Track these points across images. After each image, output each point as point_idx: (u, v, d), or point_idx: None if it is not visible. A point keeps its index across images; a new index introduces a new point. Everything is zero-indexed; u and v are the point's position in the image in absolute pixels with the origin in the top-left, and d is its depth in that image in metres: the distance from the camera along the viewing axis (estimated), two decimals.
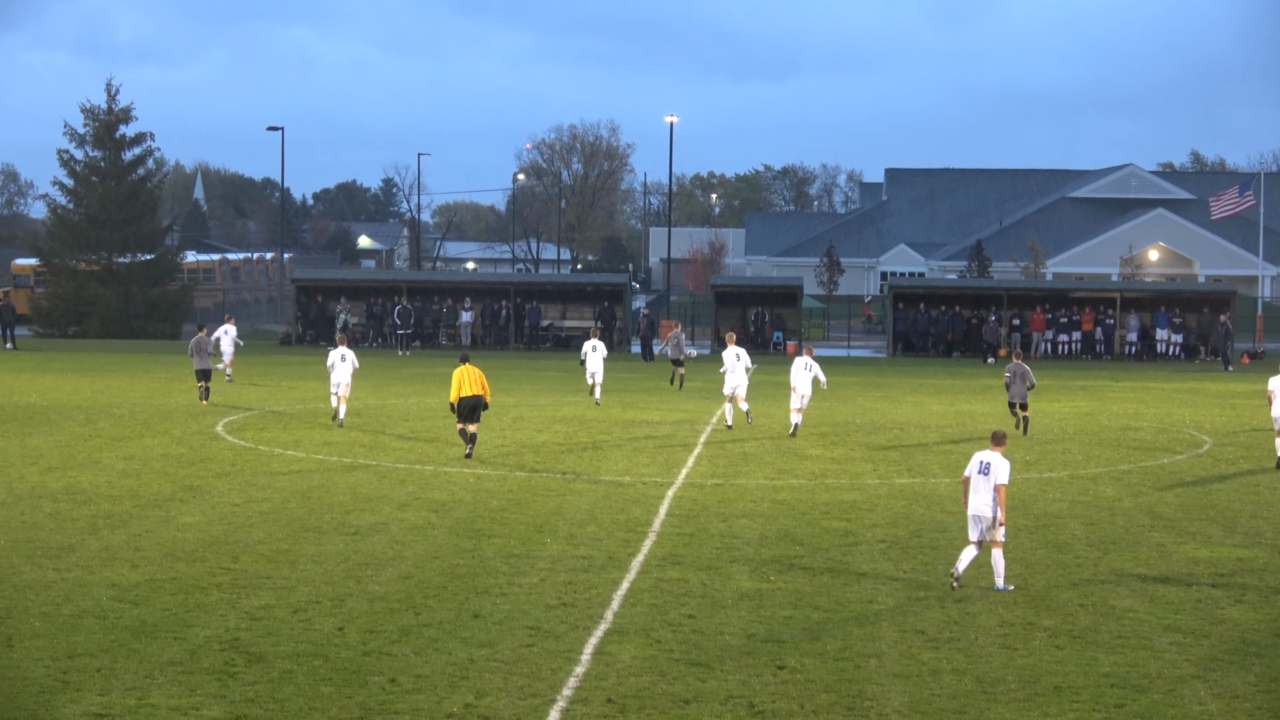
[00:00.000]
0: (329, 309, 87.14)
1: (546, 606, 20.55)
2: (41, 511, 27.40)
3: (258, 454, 35.73)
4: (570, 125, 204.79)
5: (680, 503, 29.46)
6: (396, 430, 40.97)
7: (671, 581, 22.25)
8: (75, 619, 19.45)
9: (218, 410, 45.13)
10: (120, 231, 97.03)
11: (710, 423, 43.76)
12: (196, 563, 23.08)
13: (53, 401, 47.29)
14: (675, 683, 17.16)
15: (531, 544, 25.04)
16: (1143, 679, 17.73)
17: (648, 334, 77.90)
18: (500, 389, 54.43)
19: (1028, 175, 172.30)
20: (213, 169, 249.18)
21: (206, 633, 18.89)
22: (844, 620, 20.12)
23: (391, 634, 18.96)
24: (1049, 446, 39.40)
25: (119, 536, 25.13)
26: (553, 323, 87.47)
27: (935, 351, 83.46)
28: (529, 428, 41.99)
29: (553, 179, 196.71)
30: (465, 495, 29.89)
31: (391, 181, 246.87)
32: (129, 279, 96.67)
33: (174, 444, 37.32)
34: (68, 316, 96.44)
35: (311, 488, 30.59)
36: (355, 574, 22.45)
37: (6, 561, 22.91)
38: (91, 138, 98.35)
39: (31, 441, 37.43)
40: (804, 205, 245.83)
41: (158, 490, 30.01)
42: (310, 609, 20.18)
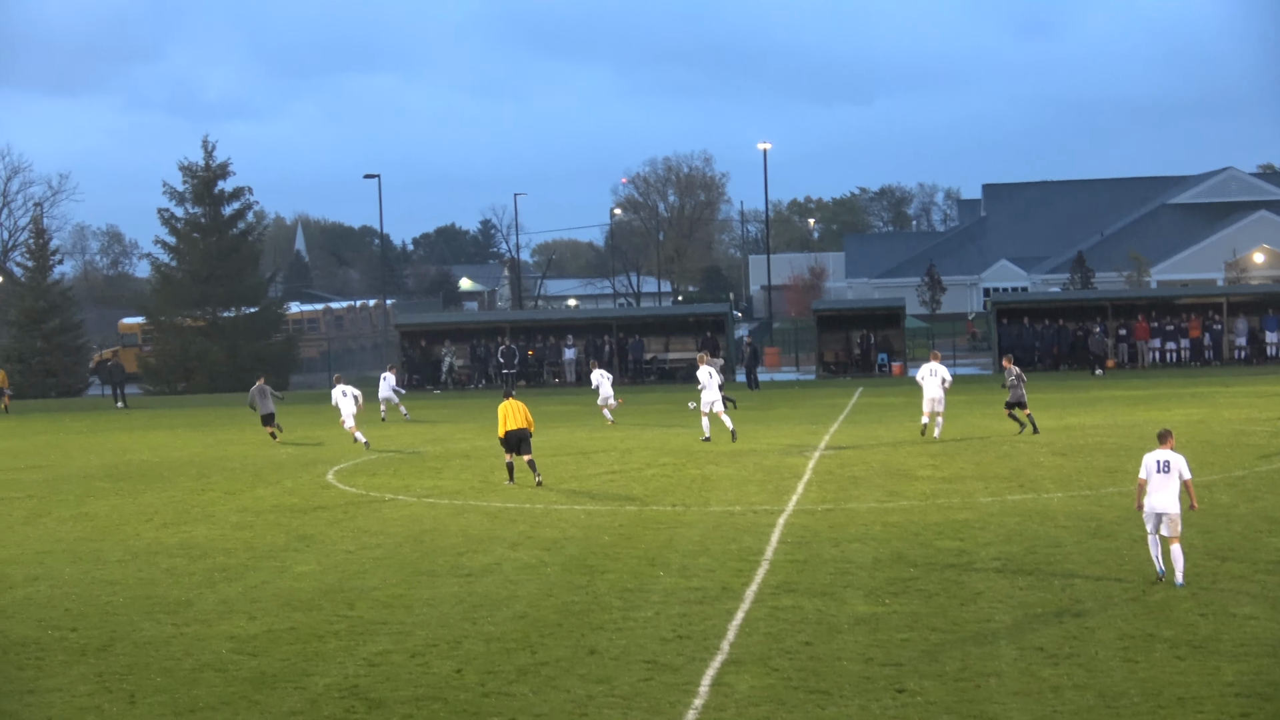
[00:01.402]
0: (433, 353, 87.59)
1: (662, 639, 20.52)
2: (158, 568, 27.62)
3: (369, 500, 35.90)
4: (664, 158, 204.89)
5: (791, 529, 29.37)
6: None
7: (786, 609, 22.18)
8: (195, 673, 19.58)
9: (329, 458, 45.40)
10: (224, 286, 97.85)
11: (819, 448, 43.61)
12: (313, 611, 23.20)
13: (165, 458, 47.73)
14: (794, 711, 17.09)
15: (644, 577, 25.02)
16: (1268, 687, 17.51)
17: (751, 363, 77.76)
18: (605, 424, 54.47)
19: (1126, 184, 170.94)
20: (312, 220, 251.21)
21: (326, 681, 18.97)
22: (961, 640, 19.99)
23: (509, 674, 18.98)
24: None
25: (235, 589, 25.30)
26: (656, 355, 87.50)
27: (1041, 366, 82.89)
28: (637, 461, 41.99)
29: (649, 212, 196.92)
30: (576, 532, 29.91)
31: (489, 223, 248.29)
32: (234, 333, 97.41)
33: (286, 494, 37.56)
34: (176, 373, 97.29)
35: (423, 531, 30.69)
36: (470, 615, 22.49)
37: (126, 618, 23.11)
38: (191, 195, 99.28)
39: (145, 498, 37.77)
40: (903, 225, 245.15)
41: (272, 541, 30.20)
42: (427, 652, 20.24)
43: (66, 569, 27.80)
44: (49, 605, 24.42)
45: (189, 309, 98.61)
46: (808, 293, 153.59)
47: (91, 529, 32.79)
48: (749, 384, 76.06)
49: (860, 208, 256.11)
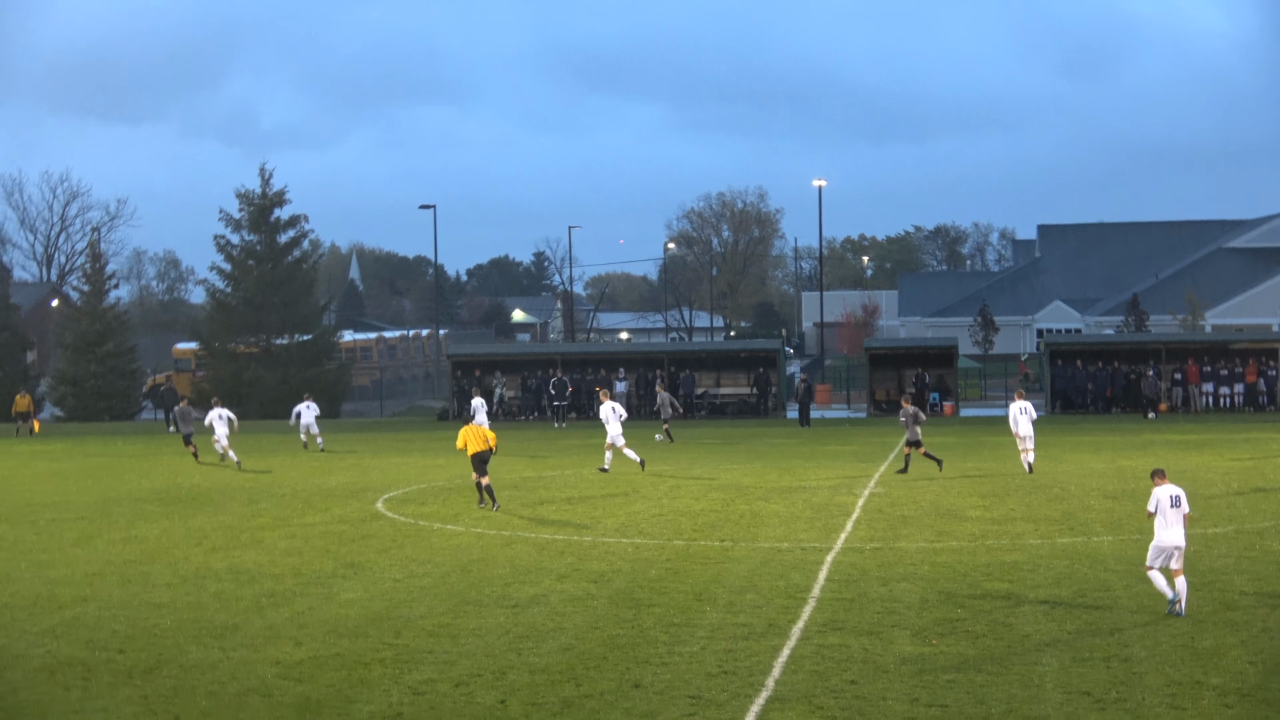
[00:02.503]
0: (485, 383, 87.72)
1: (707, 675, 20.48)
2: (206, 591, 27.71)
3: (417, 529, 35.95)
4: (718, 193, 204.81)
5: (840, 567, 29.29)
6: (554, 502, 41.07)
7: (833, 647, 22.12)
8: (241, 697, 19.63)
9: (378, 486, 45.49)
10: (278, 313, 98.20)
11: (868, 487, 43.51)
12: (359, 639, 23.23)
13: (215, 483, 47.90)
14: None
15: (691, 612, 24.99)
16: None
17: (805, 399, 77.63)
18: (656, 458, 54.47)
19: (1182, 227, 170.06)
20: (367, 249, 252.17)
21: (370, 708, 18.98)
22: (1008, 683, 19.89)
23: (554, 706, 18.97)
24: (1213, 501, 38.80)
25: (282, 614, 25.36)
26: (707, 390, 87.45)
27: (1094, 408, 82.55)
28: (686, 496, 41.96)
29: (703, 247, 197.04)
30: (624, 565, 29.89)
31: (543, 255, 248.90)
32: (287, 360, 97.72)
33: (335, 522, 37.65)
34: (228, 399, 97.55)
35: (471, 561, 30.72)
36: (516, 646, 22.49)
37: (173, 642, 23.18)
38: (247, 222, 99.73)
39: (195, 523, 37.91)
40: (956, 265, 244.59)
41: (320, 568, 30.27)
42: (472, 682, 20.24)
43: (115, 591, 27.92)
44: (97, 626, 24.52)
45: (243, 335, 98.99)
46: (860, 330, 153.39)
47: (141, 552, 32.93)
48: (801, 421, 75.94)
49: (914, 246, 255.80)
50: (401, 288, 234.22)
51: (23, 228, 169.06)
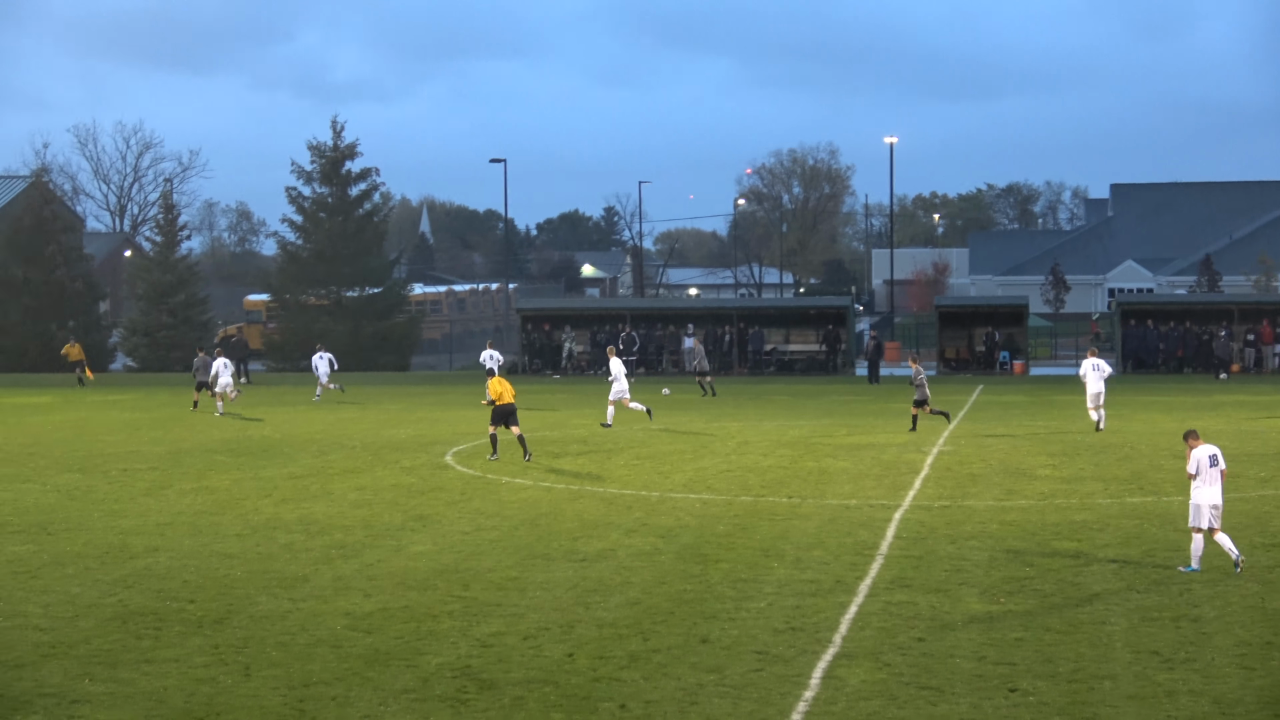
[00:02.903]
0: (554, 338, 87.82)
1: (774, 631, 20.50)
2: (276, 543, 27.88)
3: (486, 483, 36.07)
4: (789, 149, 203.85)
5: (908, 525, 29.26)
6: (622, 457, 41.12)
7: (900, 605, 22.10)
8: (310, 648, 19.75)
9: (447, 439, 45.63)
10: (349, 266, 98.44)
11: (937, 445, 43.40)
12: (428, 591, 23.33)
13: (285, 434, 48.14)
14: (905, 707, 17.03)
15: (758, 568, 25.01)
16: None
17: (874, 356, 77.36)
18: (724, 414, 54.48)
19: (1258, 187, 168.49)
20: (438, 202, 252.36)
21: (438, 660, 19.07)
22: (1076, 642, 19.84)
23: (620, 660, 19.02)
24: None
25: (352, 566, 25.50)
26: (776, 347, 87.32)
27: (1165, 368, 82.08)
28: (754, 452, 41.96)
29: (773, 203, 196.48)
30: (691, 520, 29.92)
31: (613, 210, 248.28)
32: (358, 312, 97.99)
33: (404, 474, 37.80)
34: (299, 350, 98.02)
35: (539, 515, 30.80)
36: (584, 600, 22.56)
37: (243, 592, 23.34)
38: (319, 175, 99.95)
39: (266, 474, 38.13)
40: (1028, 223, 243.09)
41: (389, 520, 30.40)
42: (540, 636, 20.31)
43: (186, 541, 28.12)
44: (168, 576, 24.71)
45: (313, 287, 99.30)
46: (931, 288, 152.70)
47: (211, 503, 33.15)
48: (870, 378, 75.74)
49: (986, 204, 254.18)
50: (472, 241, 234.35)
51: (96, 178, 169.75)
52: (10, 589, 23.65)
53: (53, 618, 21.57)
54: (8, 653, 19.45)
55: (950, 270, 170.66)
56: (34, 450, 43.72)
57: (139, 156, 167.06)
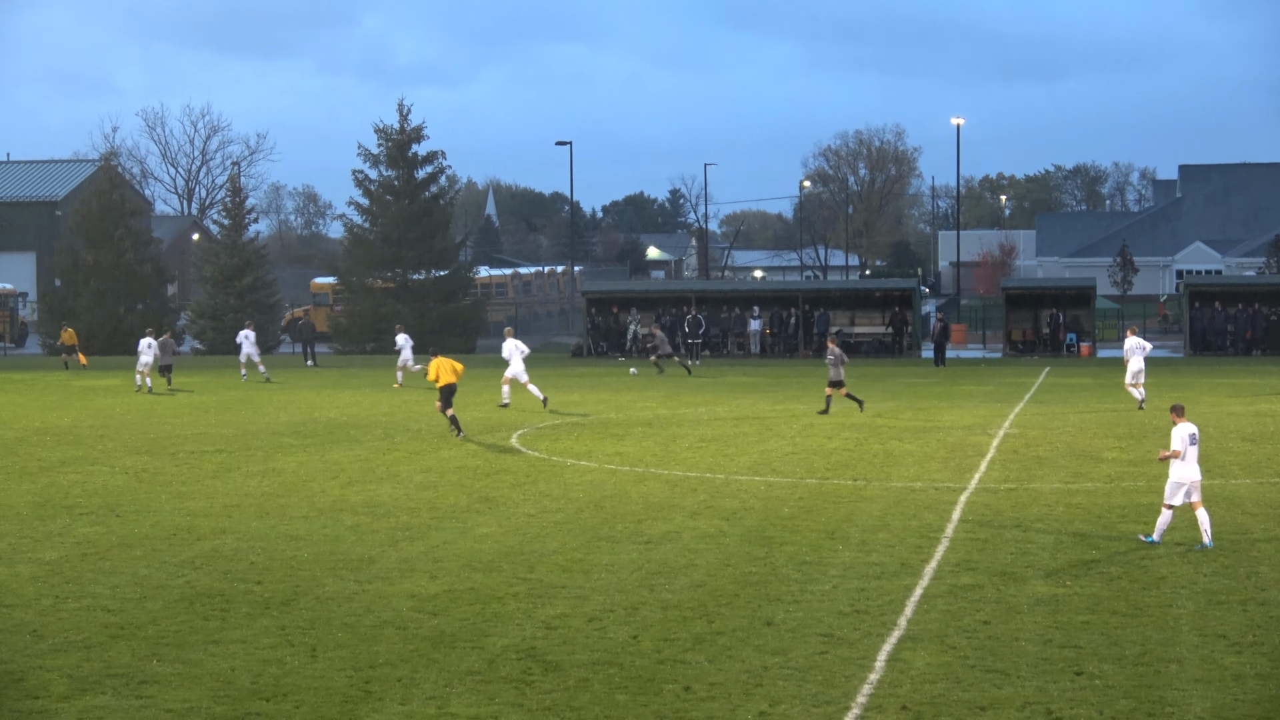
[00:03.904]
0: (619, 320, 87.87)
1: (839, 614, 20.48)
2: (343, 524, 28.00)
3: (551, 465, 36.14)
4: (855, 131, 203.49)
5: (973, 508, 29.18)
6: (687, 439, 41.13)
7: (965, 588, 22.05)
8: (376, 629, 19.83)
9: (512, 422, 45.73)
10: (415, 249, 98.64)
11: (1003, 427, 43.26)
12: (493, 573, 23.40)
13: (352, 417, 48.33)
14: (971, 689, 16.99)
15: (823, 551, 24.99)
16: None
17: (940, 339, 77.10)
18: (790, 396, 54.46)
19: None
20: (504, 185, 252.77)
21: (504, 642, 19.13)
22: (1142, 625, 19.76)
23: (685, 642, 19.04)
24: None
25: (417, 548, 25.58)
26: (841, 329, 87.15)
27: (1233, 350, 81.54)
28: (819, 434, 41.91)
29: (839, 185, 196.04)
30: (756, 503, 29.92)
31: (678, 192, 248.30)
32: (424, 295, 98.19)
33: (469, 456, 37.90)
34: (365, 334, 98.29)
35: (604, 497, 30.85)
36: (648, 582, 22.58)
37: (310, 574, 23.45)
38: (385, 158, 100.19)
39: (332, 456, 38.30)
40: (1095, 205, 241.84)
41: (454, 502, 30.49)
42: (605, 618, 20.34)
43: (253, 523, 28.26)
44: (235, 558, 24.85)
45: (380, 270, 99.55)
46: (997, 270, 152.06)
47: (278, 484, 33.31)
48: (936, 360, 75.51)
49: (1053, 185, 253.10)
50: (537, 224, 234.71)
51: (164, 161, 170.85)
52: (79, 570, 23.83)
53: (121, 599, 21.73)
54: (77, 634, 19.61)
55: (1017, 252, 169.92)
56: (102, 433, 44.02)
57: (206, 140, 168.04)
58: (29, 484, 33.47)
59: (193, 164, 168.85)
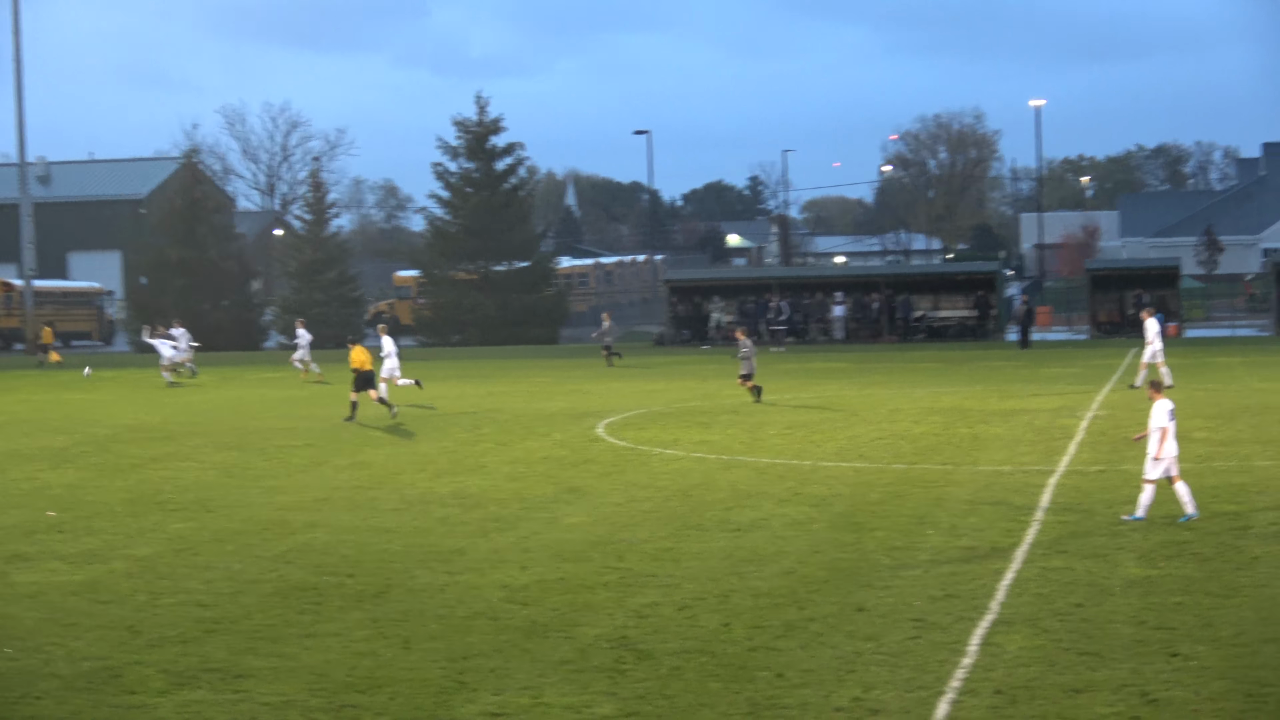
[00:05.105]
0: (702, 308, 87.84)
1: (930, 598, 20.42)
2: (432, 516, 28.10)
3: (637, 454, 36.17)
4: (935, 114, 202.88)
5: (1063, 491, 29.04)
6: (773, 426, 41.09)
7: (1057, 570, 21.94)
8: (468, 620, 19.90)
9: (598, 411, 45.79)
10: (496, 240, 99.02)
11: (1091, 409, 43.02)
12: (583, 563, 23.44)
13: (439, 409, 48.46)
14: (1065, 673, 16.91)
15: (913, 536, 24.92)
16: None
17: (1025, 322, 76.74)
18: (874, 381, 54.34)
19: None
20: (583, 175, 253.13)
21: (595, 631, 19.16)
22: (1237, 606, 19.61)
23: (776, 629, 19.02)
24: None
25: (507, 539, 25.65)
26: (925, 313, 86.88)
27: None
28: (905, 419, 41.80)
29: (919, 169, 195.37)
30: (844, 489, 29.86)
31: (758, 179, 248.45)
32: (506, 287, 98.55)
33: (556, 447, 37.97)
34: (449, 325, 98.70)
35: (692, 486, 30.85)
36: (738, 570, 22.57)
37: (401, 566, 23.55)
38: (465, 150, 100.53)
39: (420, 448, 38.44)
40: (1179, 184, 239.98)
41: (542, 492, 30.56)
42: (695, 605, 20.35)
43: (344, 516, 28.39)
44: (326, 551, 24.98)
45: (462, 262, 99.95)
46: (1081, 251, 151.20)
47: (367, 477, 33.46)
48: (1021, 343, 75.17)
49: (1135, 166, 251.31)
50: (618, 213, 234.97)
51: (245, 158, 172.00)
52: (173, 566, 24.01)
53: (215, 594, 21.88)
54: (172, 629, 19.75)
55: (1100, 233, 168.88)
56: (192, 429, 44.34)
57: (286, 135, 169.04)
58: (121, 481, 33.75)
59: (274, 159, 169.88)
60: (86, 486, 32.84)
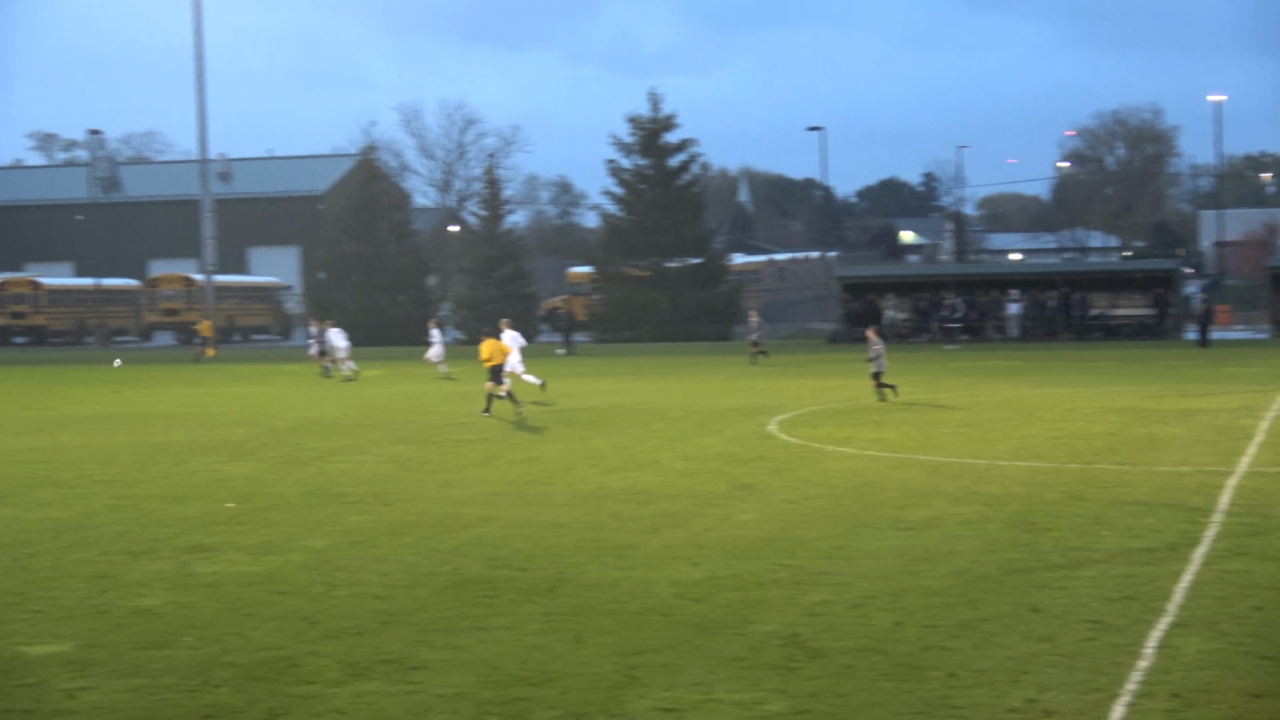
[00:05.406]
0: (876, 305, 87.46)
1: (1106, 599, 20.18)
2: (605, 512, 28.18)
3: (810, 451, 36.08)
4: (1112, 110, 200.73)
5: (1243, 492, 28.60)
6: (947, 425, 40.84)
7: (1236, 573, 21.61)
8: (640, 616, 19.93)
9: (772, 408, 45.72)
10: (669, 236, 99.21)
11: (1272, 409, 42.34)
12: (755, 560, 23.40)
13: (611, 404, 48.66)
14: (1244, 676, 16.66)
15: (1088, 536, 24.65)
16: None
17: (1204, 320, 75.69)
18: (1050, 380, 53.82)
19: None
20: (757, 172, 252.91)
21: (767, 629, 19.12)
22: None
23: (949, 629, 18.89)
24: None
25: (679, 535, 25.66)
26: (1102, 312, 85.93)
27: None
28: (1081, 419, 41.37)
29: (1096, 165, 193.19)
30: (1019, 489, 29.60)
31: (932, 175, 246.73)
32: (679, 283, 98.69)
33: (728, 443, 37.97)
34: (621, 322, 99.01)
35: (864, 483, 30.72)
36: (911, 569, 22.44)
37: (573, 561, 23.63)
38: (638, 147, 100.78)
39: (593, 444, 38.59)
40: None
41: (714, 489, 30.56)
42: (868, 604, 20.25)
43: (517, 510, 28.55)
44: (500, 545, 25.12)
45: (635, 259, 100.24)
46: (1261, 249, 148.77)
47: (541, 472, 33.63)
48: (1200, 342, 74.13)
49: None
50: (791, 210, 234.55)
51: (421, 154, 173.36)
52: (349, 558, 24.26)
53: (390, 586, 22.07)
54: (348, 620, 19.95)
55: None
56: (368, 422, 44.82)
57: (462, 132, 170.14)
58: (299, 473, 34.18)
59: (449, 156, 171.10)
60: (265, 478, 33.30)
